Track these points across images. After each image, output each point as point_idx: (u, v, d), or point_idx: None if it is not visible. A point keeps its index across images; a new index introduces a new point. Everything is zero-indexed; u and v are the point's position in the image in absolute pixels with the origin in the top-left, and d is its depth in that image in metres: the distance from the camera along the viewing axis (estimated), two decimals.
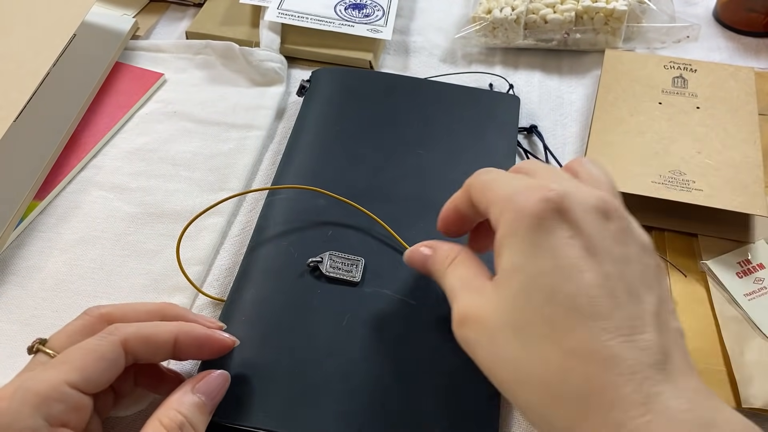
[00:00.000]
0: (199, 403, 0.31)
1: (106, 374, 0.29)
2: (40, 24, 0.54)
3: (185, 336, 0.32)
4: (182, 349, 0.32)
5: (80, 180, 0.50)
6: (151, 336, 0.31)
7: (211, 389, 0.32)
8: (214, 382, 0.33)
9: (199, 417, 0.31)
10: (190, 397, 0.31)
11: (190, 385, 0.32)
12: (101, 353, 0.29)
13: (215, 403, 0.33)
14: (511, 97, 0.56)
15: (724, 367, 0.40)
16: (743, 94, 0.54)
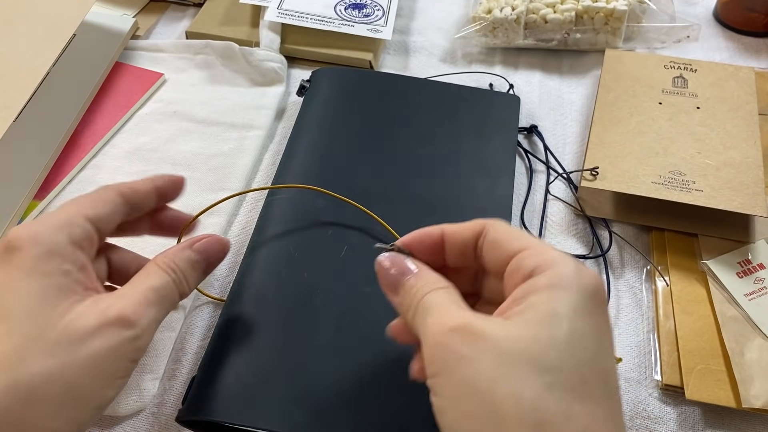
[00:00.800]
0: (194, 259, 0.34)
1: (111, 215, 0.33)
2: (40, 24, 0.54)
3: (161, 181, 0.37)
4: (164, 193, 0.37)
5: (80, 180, 0.50)
6: (135, 184, 0.35)
7: (207, 249, 0.35)
8: (212, 245, 0.35)
9: (191, 272, 0.34)
10: (187, 252, 0.34)
11: (189, 242, 0.35)
12: (105, 198, 0.34)
13: (209, 264, 0.35)
14: (511, 96, 0.56)
15: (725, 367, 0.40)
16: (743, 94, 0.54)
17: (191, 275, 0.34)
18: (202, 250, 0.35)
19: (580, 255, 0.47)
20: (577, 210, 0.50)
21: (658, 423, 0.39)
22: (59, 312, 0.29)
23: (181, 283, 0.33)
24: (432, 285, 0.28)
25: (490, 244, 0.29)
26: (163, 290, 0.32)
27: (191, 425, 0.36)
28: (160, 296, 0.32)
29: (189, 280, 0.34)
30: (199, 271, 0.35)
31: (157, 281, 0.32)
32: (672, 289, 0.44)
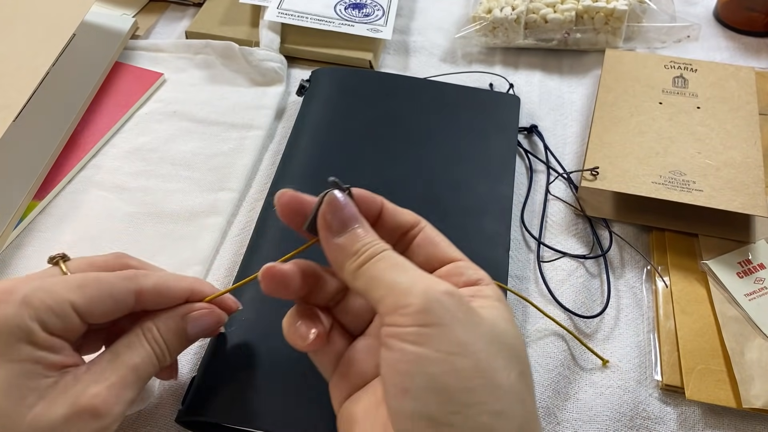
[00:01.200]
0: (184, 332, 0.32)
1: (108, 312, 0.30)
2: (39, 24, 0.54)
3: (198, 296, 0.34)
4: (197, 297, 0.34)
5: (80, 180, 0.50)
6: (164, 290, 0.32)
7: (202, 323, 0.33)
8: (208, 318, 0.33)
9: (176, 344, 0.32)
10: (178, 322, 0.32)
11: (184, 310, 0.33)
12: (112, 292, 0.30)
13: (197, 337, 0.33)
14: (511, 96, 0.56)
15: (725, 368, 0.40)
16: (744, 94, 0.54)
17: (175, 347, 0.32)
18: (197, 324, 0.33)
19: (580, 255, 0.47)
20: (577, 210, 0.50)
21: (658, 423, 0.39)
22: (28, 403, 0.27)
23: (163, 356, 0.31)
24: (385, 245, 0.29)
25: (426, 241, 0.31)
26: (143, 368, 0.30)
27: (191, 426, 0.36)
28: (138, 376, 0.30)
29: (172, 352, 0.32)
30: (184, 343, 0.33)
31: (138, 358, 0.30)
32: (672, 289, 0.44)
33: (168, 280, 0.33)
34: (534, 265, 0.47)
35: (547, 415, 0.39)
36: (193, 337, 0.33)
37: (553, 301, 0.44)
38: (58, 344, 0.29)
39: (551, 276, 0.46)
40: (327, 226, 0.29)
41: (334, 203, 0.29)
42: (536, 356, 0.42)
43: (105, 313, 0.30)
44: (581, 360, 0.42)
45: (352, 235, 0.29)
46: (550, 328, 0.43)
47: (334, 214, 0.29)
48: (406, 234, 0.32)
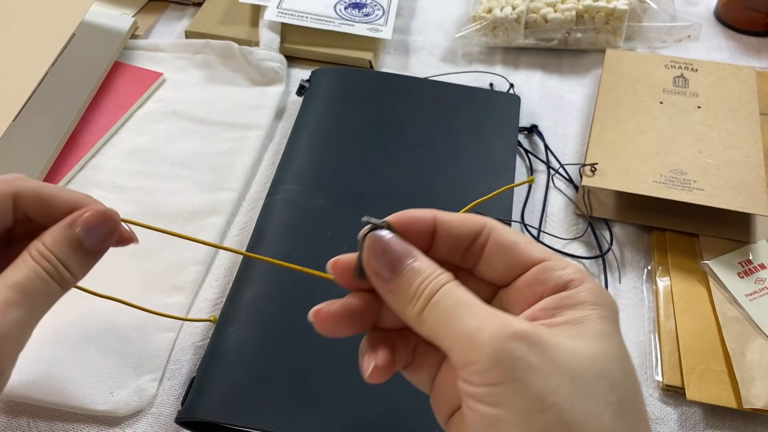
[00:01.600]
0: (76, 239, 0.29)
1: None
2: (39, 23, 0.54)
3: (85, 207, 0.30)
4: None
5: (79, 179, 0.50)
6: (47, 196, 0.30)
7: (90, 224, 0.29)
8: (95, 218, 0.29)
9: (74, 256, 0.29)
10: (65, 231, 0.29)
11: (69, 219, 0.29)
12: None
13: (98, 241, 0.29)
14: (511, 96, 0.56)
15: (725, 368, 0.40)
16: (744, 94, 0.54)
17: (74, 259, 0.29)
18: (89, 228, 0.29)
19: (580, 255, 0.47)
20: (577, 210, 0.50)
21: (659, 423, 0.39)
22: None
23: (56, 270, 0.28)
24: (444, 276, 0.25)
25: (500, 247, 0.27)
26: (29, 285, 0.27)
27: (190, 426, 0.36)
28: (23, 293, 0.27)
29: (72, 265, 0.29)
30: (84, 253, 0.29)
31: (20, 275, 0.27)
32: (673, 289, 0.44)
33: (52, 187, 0.30)
34: None
35: None
36: (92, 246, 0.29)
37: None
38: None
39: None
40: (375, 274, 0.26)
41: (374, 247, 0.26)
42: None
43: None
44: None
45: (404, 276, 0.25)
46: None
47: (379, 259, 0.26)
48: (473, 245, 0.27)
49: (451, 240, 0.27)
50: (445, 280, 0.25)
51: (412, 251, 0.26)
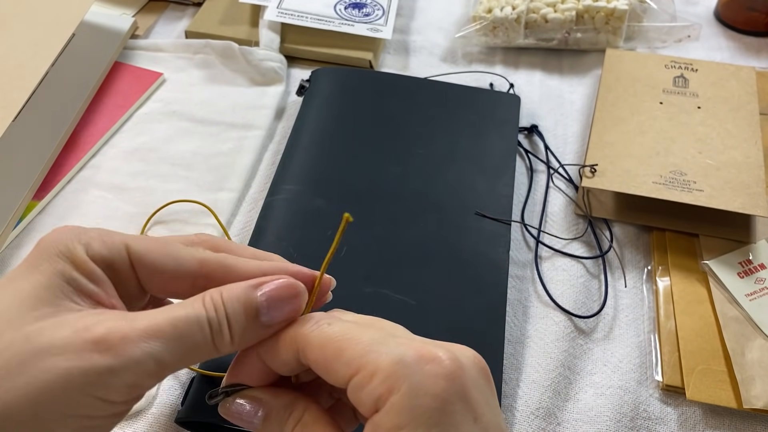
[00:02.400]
0: (252, 303, 0.25)
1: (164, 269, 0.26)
2: (39, 23, 0.54)
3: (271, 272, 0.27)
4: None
5: (79, 180, 0.50)
6: (232, 266, 0.27)
7: (277, 296, 0.26)
8: (284, 290, 0.26)
9: (241, 319, 0.25)
10: (245, 291, 0.25)
11: (257, 281, 0.26)
12: (171, 250, 0.26)
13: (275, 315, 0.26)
14: (511, 96, 0.56)
15: (725, 368, 0.40)
16: (744, 94, 0.54)
17: (239, 323, 0.25)
18: (271, 296, 0.26)
19: (580, 255, 0.47)
20: (577, 210, 0.50)
21: (658, 423, 0.39)
22: (36, 315, 0.23)
23: (219, 326, 0.24)
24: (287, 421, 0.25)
25: (318, 369, 0.24)
26: (186, 325, 0.24)
27: (190, 426, 0.36)
28: (175, 330, 0.23)
29: (236, 329, 0.25)
30: (255, 323, 0.25)
31: (182, 311, 0.24)
32: (673, 289, 0.44)
33: (240, 258, 0.28)
34: (533, 266, 0.46)
35: (548, 415, 0.39)
36: (268, 320, 0.26)
37: (551, 301, 0.44)
38: (98, 275, 0.25)
39: (551, 276, 0.46)
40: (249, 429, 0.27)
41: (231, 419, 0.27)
42: (536, 357, 0.42)
43: (160, 269, 0.26)
44: (582, 361, 0.42)
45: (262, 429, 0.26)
46: (551, 328, 0.43)
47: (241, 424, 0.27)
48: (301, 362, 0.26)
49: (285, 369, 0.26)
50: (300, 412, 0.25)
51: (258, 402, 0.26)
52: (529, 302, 0.44)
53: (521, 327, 0.43)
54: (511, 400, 0.40)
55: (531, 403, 0.40)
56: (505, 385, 0.40)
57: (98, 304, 0.24)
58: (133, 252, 0.26)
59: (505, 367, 0.41)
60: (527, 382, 0.40)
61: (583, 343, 0.43)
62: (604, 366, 0.41)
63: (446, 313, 0.41)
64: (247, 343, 0.26)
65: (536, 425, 0.39)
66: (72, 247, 0.25)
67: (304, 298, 0.27)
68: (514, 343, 0.42)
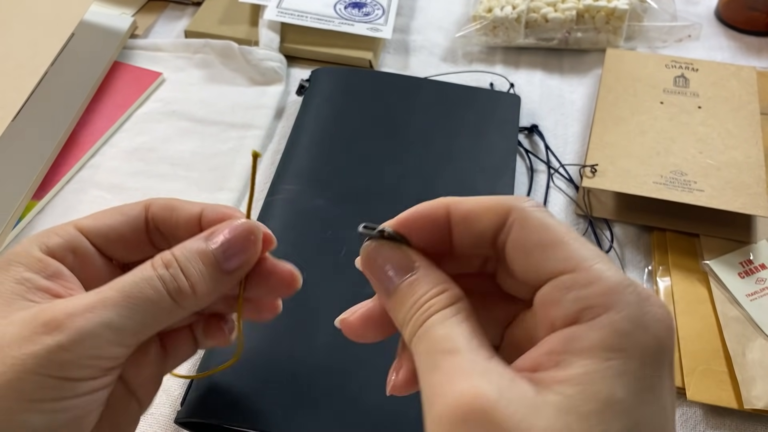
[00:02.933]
0: (207, 251, 0.25)
1: (119, 229, 0.26)
2: (38, 23, 0.54)
3: (212, 209, 0.27)
4: (207, 225, 0.27)
5: (78, 180, 0.50)
6: (175, 205, 0.27)
7: (230, 239, 0.25)
8: (238, 232, 0.26)
9: (199, 269, 0.25)
10: (197, 243, 0.25)
11: (208, 231, 0.26)
12: (120, 209, 0.27)
13: (234, 258, 0.26)
14: (511, 96, 0.56)
15: (726, 368, 0.40)
16: (745, 94, 0.53)
17: (199, 273, 0.25)
18: (226, 242, 0.25)
19: None
20: (578, 210, 0.50)
21: None
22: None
23: (174, 281, 0.24)
24: (438, 301, 0.21)
25: (518, 248, 0.22)
26: (137, 290, 0.24)
27: (190, 426, 0.36)
28: (126, 298, 0.23)
29: (194, 276, 0.25)
30: (217, 271, 0.25)
31: (130, 278, 0.24)
32: (673, 289, 0.44)
33: (184, 200, 0.28)
34: None
35: None
36: (227, 264, 0.25)
37: None
38: (53, 269, 0.25)
39: None
40: (376, 289, 0.24)
41: (368, 266, 0.24)
42: None
43: (113, 229, 0.26)
44: None
45: (397, 295, 0.23)
46: None
47: (374, 278, 0.24)
48: (496, 240, 0.23)
49: (470, 236, 0.23)
50: (438, 307, 0.21)
51: (413, 263, 0.23)
52: None
53: None
54: None
55: None
56: None
57: (56, 297, 0.24)
58: (84, 227, 0.26)
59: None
60: None
61: None
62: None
63: None
64: (213, 293, 0.26)
65: None
66: (26, 249, 0.25)
67: (259, 237, 0.26)
68: None
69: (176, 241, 0.26)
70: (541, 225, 0.21)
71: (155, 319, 0.24)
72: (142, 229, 0.27)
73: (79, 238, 0.26)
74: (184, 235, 0.26)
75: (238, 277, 0.26)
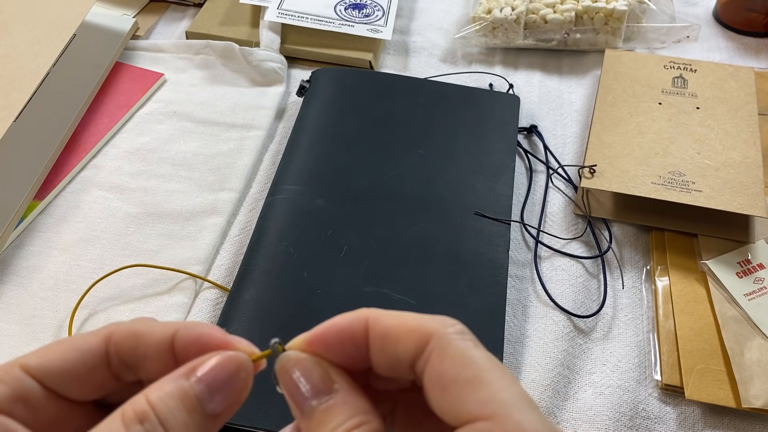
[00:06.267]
0: (191, 394, 0.20)
1: (74, 367, 0.22)
2: (40, 24, 0.54)
3: (186, 332, 0.22)
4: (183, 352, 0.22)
5: (80, 180, 0.50)
6: (141, 331, 0.22)
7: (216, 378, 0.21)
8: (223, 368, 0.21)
9: (184, 418, 0.20)
10: (179, 383, 0.20)
11: (189, 367, 0.21)
12: (74, 344, 0.22)
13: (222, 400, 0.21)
14: (511, 96, 0.56)
15: (724, 367, 0.40)
16: (743, 95, 0.54)
17: (180, 422, 0.20)
18: (210, 378, 0.21)
19: (579, 255, 0.47)
20: (576, 210, 0.50)
21: (657, 423, 0.39)
22: None
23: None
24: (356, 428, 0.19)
25: (434, 381, 0.20)
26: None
27: None
28: None
29: (175, 429, 0.20)
30: (201, 416, 0.21)
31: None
32: (672, 289, 0.44)
33: (151, 320, 0.23)
34: (533, 265, 0.47)
35: (547, 414, 0.39)
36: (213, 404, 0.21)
37: (550, 301, 0.44)
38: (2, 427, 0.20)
39: (551, 276, 0.46)
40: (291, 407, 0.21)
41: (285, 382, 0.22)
42: (536, 356, 0.42)
43: (66, 369, 0.21)
44: (581, 360, 0.42)
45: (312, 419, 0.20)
46: (551, 328, 0.43)
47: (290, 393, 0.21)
48: (414, 366, 0.21)
49: (386, 358, 0.21)
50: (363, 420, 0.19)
51: (332, 384, 0.21)
52: (529, 302, 0.45)
53: (521, 327, 0.43)
54: None
55: None
56: None
57: None
58: (32, 368, 0.21)
59: (505, 366, 0.41)
60: (527, 381, 0.41)
61: (582, 342, 0.43)
62: (603, 365, 0.42)
63: (446, 312, 0.40)
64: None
65: None
66: None
67: (249, 369, 0.22)
68: (514, 343, 0.42)
69: (145, 373, 0.22)
70: (461, 357, 0.19)
71: None
72: (102, 365, 0.22)
73: (27, 382, 0.21)
74: (154, 366, 0.22)
75: (224, 420, 0.22)
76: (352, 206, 0.46)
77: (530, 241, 0.48)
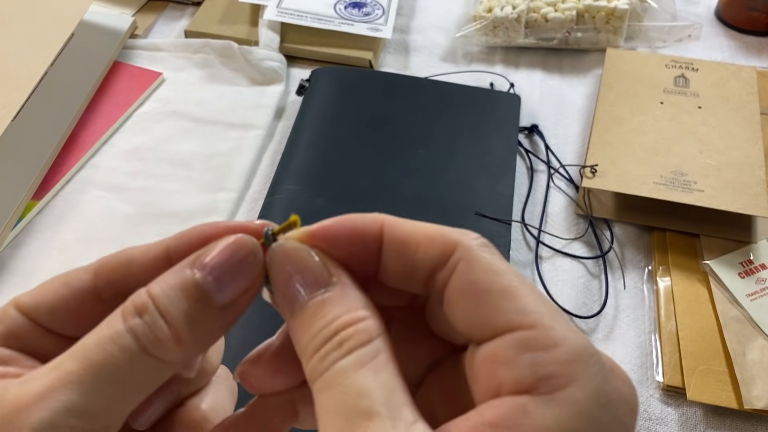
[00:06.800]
0: (192, 283, 0.18)
1: (66, 303, 0.20)
2: (38, 23, 0.54)
3: (179, 241, 0.20)
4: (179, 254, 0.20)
5: (78, 180, 0.50)
6: (131, 255, 0.21)
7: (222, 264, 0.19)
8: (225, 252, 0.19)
9: (184, 306, 0.18)
10: (181, 273, 0.19)
11: (192, 257, 0.19)
12: (64, 279, 0.21)
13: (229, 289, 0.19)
14: (511, 96, 0.56)
15: (726, 368, 0.40)
16: (745, 94, 0.53)
17: (181, 313, 0.18)
18: (216, 265, 0.19)
19: (581, 255, 0.47)
20: (578, 210, 0.50)
21: (659, 424, 0.39)
22: None
23: (150, 330, 0.18)
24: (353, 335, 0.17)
25: (463, 292, 0.18)
26: (99, 354, 0.18)
27: None
28: (89, 367, 0.18)
29: (175, 321, 0.18)
30: (207, 308, 0.19)
31: (92, 337, 0.18)
32: (673, 289, 0.44)
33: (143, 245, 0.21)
34: (534, 266, 0.46)
35: None
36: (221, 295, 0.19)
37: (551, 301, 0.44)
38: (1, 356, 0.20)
39: (552, 276, 0.46)
40: (281, 304, 0.19)
41: (274, 269, 0.19)
42: None
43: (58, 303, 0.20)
44: None
45: (304, 314, 0.18)
46: None
47: (280, 286, 0.19)
48: (435, 276, 0.19)
49: (402, 266, 0.19)
50: (352, 344, 0.17)
51: (329, 277, 0.18)
52: None
53: None
54: None
55: None
56: None
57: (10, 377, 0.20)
58: (25, 305, 0.20)
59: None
60: None
61: None
62: None
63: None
64: (204, 337, 0.19)
65: None
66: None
67: (257, 252, 0.19)
68: None
69: None
70: (491, 268, 0.18)
71: (133, 387, 0.18)
72: (94, 299, 0.21)
73: (20, 321, 0.20)
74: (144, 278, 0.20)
75: (235, 315, 0.20)
76: (352, 206, 0.45)
77: (531, 241, 0.48)
